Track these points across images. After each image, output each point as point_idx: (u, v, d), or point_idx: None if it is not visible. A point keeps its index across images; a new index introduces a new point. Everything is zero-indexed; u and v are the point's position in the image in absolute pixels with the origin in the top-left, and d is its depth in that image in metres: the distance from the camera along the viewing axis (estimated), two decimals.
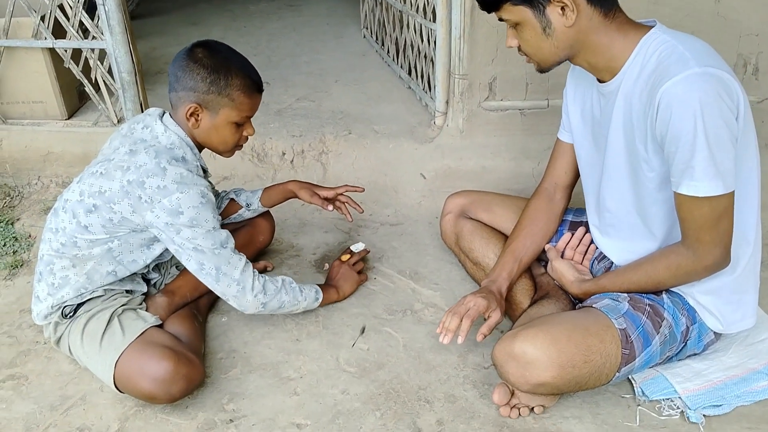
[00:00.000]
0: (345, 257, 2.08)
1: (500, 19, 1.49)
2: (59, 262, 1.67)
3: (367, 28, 3.81)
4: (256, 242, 2.12)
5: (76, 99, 2.98)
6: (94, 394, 1.70)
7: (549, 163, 1.87)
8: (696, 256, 1.45)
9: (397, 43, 3.19)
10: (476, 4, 2.27)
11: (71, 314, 1.70)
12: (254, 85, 1.66)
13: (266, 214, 2.17)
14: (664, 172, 1.45)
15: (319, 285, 1.93)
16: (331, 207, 2.05)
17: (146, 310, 1.77)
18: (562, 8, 1.38)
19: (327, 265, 2.21)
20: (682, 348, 1.61)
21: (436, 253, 2.25)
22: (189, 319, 1.83)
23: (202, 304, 1.95)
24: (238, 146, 1.75)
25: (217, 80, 1.59)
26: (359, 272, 2.08)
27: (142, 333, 1.65)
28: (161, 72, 3.45)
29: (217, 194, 2.04)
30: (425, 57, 2.77)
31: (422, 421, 1.59)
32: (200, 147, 1.74)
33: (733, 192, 1.37)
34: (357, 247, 2.12)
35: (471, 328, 1.62)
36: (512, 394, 1.58)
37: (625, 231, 1.65)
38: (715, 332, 1.62)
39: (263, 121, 2.87)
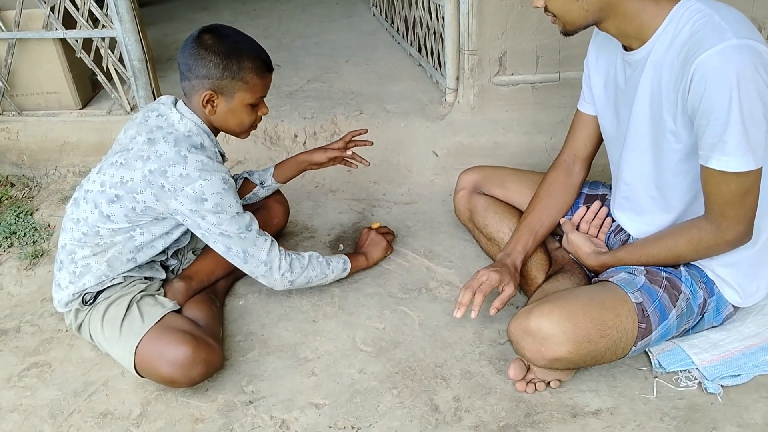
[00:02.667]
0: (375, 225, 2.15)
1: None
2: (81, 251, 1.70)
3: (376, 6, 3.78)
4: (271, 226, 2.13)
5: (89, 88, 2.99)
6: (116, 379, 1.74)
7: (568, 135, 1.84)
8: (720, 230, 1.43)
9: (406, 21, 3.16)
10: None
11: (91, 301, 1.72)
12: (265, 66, 1.69)
13: (280, 198, 2.18)
14: (691, 144, 1.41)
15: (346, 254, 1.99)
16: (349, 152, 2.10)
17: (164, 296, 1.79)
18: None
19: (342, 246, 2.22)
20: (699, 321, 1.60)
21: (450, 231, 2.25)
22: (207, 303, 1.85)
23: (220, 289, 1.97)
24: (253, 127, 1.78)
25: (230, 65, 1.61)
26: (388, 240, 2.12)
27: (161, 318, 1.67)
28: (173, 59, 3.46)
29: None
30: (434, 33, 2.74)
31: (439, 398, 1.61)
32: (215, 131, 1.76)
33: (761, 170, 1.34)
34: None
35: (485, 303, 1.63)
36: (528, 369, 1.59)
37: (642, 204, 1.63)
38: (734, 305, 1.61)
39: (275, 104, 2.86)
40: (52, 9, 2.63)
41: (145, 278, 1.80)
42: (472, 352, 1.74)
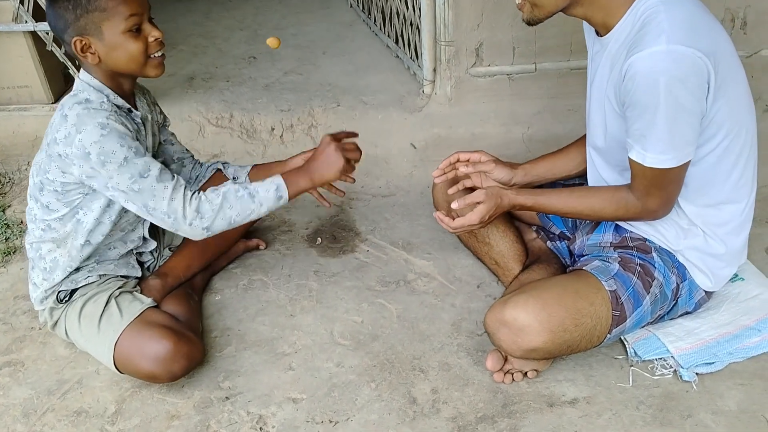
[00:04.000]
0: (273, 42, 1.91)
1: None
2: (45, 246, 1.67)
3: None
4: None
5: (62, 82, 2.94)
6: (91, 377, 1.71)
7: None
8: (644, 207, 1.49)
9: (383, 12, 3.14)
10: None
11: (67, 299, 1.70)
12: None
13: None
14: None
15: (284, 174, 1.68)
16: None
17: (141, 293, 1.77)
18: None
19: (320, 240, 2.21)
20: (673, 306, 1.62)
21: (428, 223, 2.24)
22: (184, 298, 1.83)
23: (197, 284, 1.95)
24: (154, 57, 1.56)
25: (78, 1, 1.46)
26: (349, 160, 1.75)
27: (140, 314, 1.65)
28: None
29: (198, 163, 2.00)
30: (411, 25, 2.73)
31: (417, 391, 1.60)
32: (121, 83, 1.61)
33: (687, 162, 1.39)
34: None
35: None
36: (505, 359, 1.59)
37: (600, 172, 1.65)
38: (705, 291, 1.62)
39: (251, 97, 2.84)
40: (22, 1, 2.58)
41: (121, 276, 1.77)
42: (450, 344, 1.74)
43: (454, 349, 1.72)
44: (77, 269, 1.70)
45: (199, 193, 1.59)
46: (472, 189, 1.76)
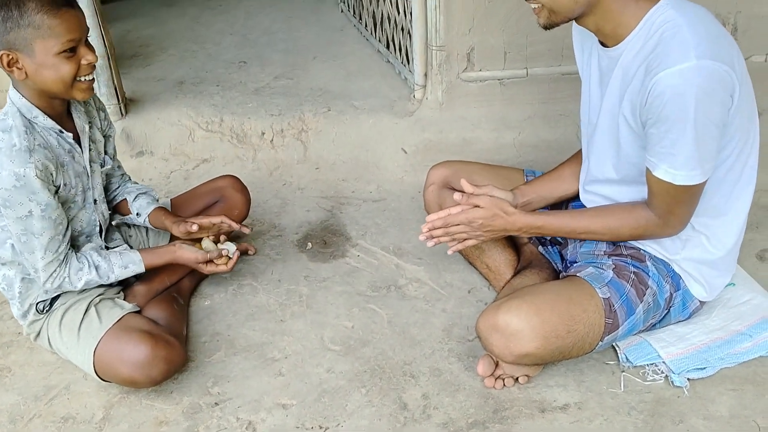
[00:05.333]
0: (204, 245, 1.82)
1: None
2: (3, 268, 1.65)
3: (344, 2, 3.76)
4: (231, 217, 2.03)
5: None
6: (78, 382, 1.69)
7: None
8: (667, 225, 1.48)
9: (374, 17, 3.14)
10: None
11: (47, 309, 1.68)
12: (57, 2, 1.41)
13: (238, 185, 2.05)
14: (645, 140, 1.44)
15: (154, 249, 1.76)
16: (195, 227, 1.79)
17: (124, 299, 1.75)
18: None
19: (310, 245, 2.20)
20: (666, 315, 1.61)
21: (419, 228, 2.16)
22: (167, 302, 1.81)
23: (184, 287, 1.93)
24: (82, 81, 1.50)
25: (9, 13, 1.38)
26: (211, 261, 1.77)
27: (119, 320, 1.63)
28: (137, 55, 3.39)
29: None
30: (402, 29, 2.73)
31: (408, 396, 1.59)
32: (51, 102, 1.54)
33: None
34: (231, 247, 1.84)
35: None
36: (497, 365, 1.58)
37: (605, 189, 1.63)
38: (700, 300, 1.62)
39: (241, 101, 2.83)
40: None
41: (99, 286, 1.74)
42: (440, 349, 1.73)
43: (445, 354, 1.71)
44: None
45: (65, 267, 1.59)
46: None
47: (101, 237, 1.76)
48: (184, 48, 3.47)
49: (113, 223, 1.90)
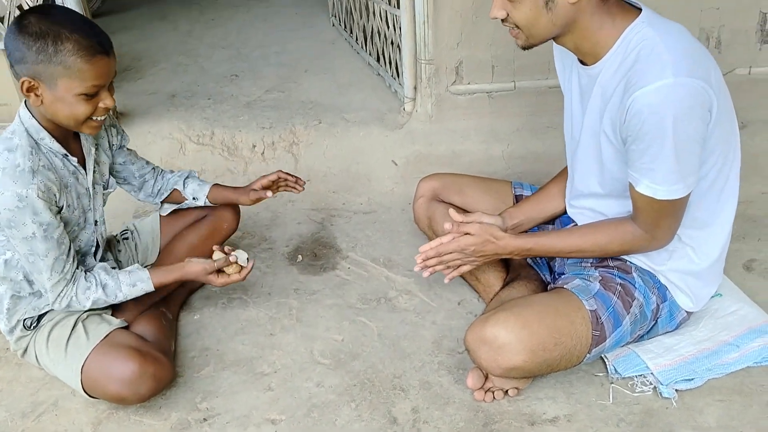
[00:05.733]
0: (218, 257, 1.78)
1: None
2: None
3: (335, 16, 3.78)
4: (220, 231, 2.03)
5: None
6: (66, 399, 1.68)
7: None
8: (654, 238, 1.49)
9: (364, 31, 3.16)
10: None
11: (34, 325, 1.68)
12: (94, 48, 1.42)
13: None
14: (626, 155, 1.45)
15: (161, 268, 1.73)
16: (269, 193, 1.94)
17: (112, 315, 1.74)
18: None
19: (300, 257, 2.20)
20: (653, 326, 1.62)
21: (409, 240, 2.24)
22: (156, 318, 1.80)
23: (173, 302, 1.93)
24: (94, 120, 1.52)
25: (45, 46, 1.38)
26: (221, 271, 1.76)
27: (106, 336, 1.63)
28: (129, 69, 3.40)
29: (157, 173, 1.95)
30: (392, 43, 2.75)
31: (397, 410, 1.59)
32: (59, 128, 1.55)
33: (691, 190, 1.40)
34: (242, 255, 1.81)
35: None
36: (486, 377, 1.59)
37: (591, 202, 1.65)
38: (687, 311, 1.63)
39: (233, 114, 2.84)
40: (1, 19, 2.57)
41: None
42: (430, 362, 1.73)
43: (435, 367, 1.71)
44: (38, 296, 1.67)
45: (72, 285, 1.59)
46: None
47: (95, 257, 1.76)
48: (176, 62, 3.48)
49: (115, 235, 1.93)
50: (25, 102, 1.53)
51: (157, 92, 3.07)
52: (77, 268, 1.61)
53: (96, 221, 1.72)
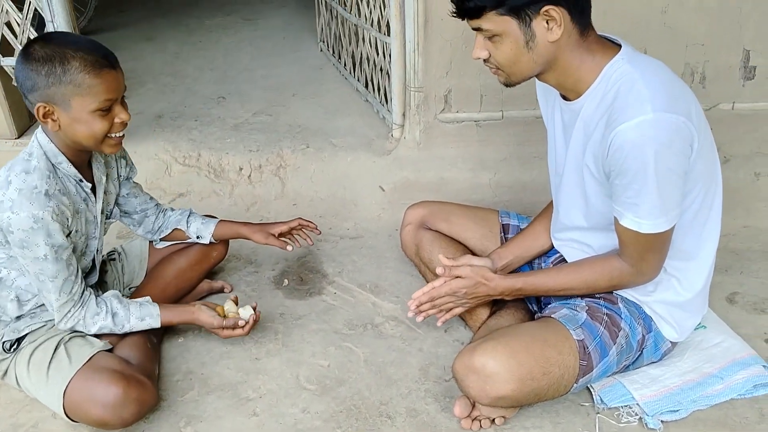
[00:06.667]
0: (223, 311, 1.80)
1: (476, 29, 1.42)
2: None
3: (323, 42, 3.80)
4: (209, 258, 2.05)
5: (26, 117, 2.91)
6: (47, 421, 1.65)
7: None
8: (639, 273, 1.51)
9: (353, 57, 3.19)
10: (429, 18, 2.31)
11: (15, 347, 1.65)
12: (100, 62, 1.46)
13: None
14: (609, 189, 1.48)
15: (173, 306, 1.78)
16: (290, 247, 2.00)
17: (96, 336, 1.72)
18: (548, 22, 1.36)
19: (286, 281, 2.19)
20: (638, 357, 1.64)
21: (396, 266, 2.24)
22: (141, 340, 1.77)
23: None
24: (113, 137, 1.55)
25: (53, 69, 1.42)
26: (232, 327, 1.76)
27: (89, 359, 1.60)
28: None
29: (162, 209, 1.98)
30: (381, 70, 2.77)
31: None
32: (77, 151, 1.58)
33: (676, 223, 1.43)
34: (244, 313, 1.79)
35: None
36: (473, 406, 1.58)
37: (576, 234, 1.67)
38: (671, 341, 1.65)
39: (219, 137, 2.84)
40: None
41: None
42: (417, 389, 1.72)
43: (422, 394, 1.71)
44: (18, 317, 1.65)
45: (81, 308, 1.61)
46: None
47: (85, 280, 1.73)
48: (163, 82, 3.48)
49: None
50: (41, 127, 1.54)
51: (144, 112, 3.06)
52: (85, 290, 1.62)
53: (98, 249, 1.73)
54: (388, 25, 2.55)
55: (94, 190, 1.68)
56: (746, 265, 2.16)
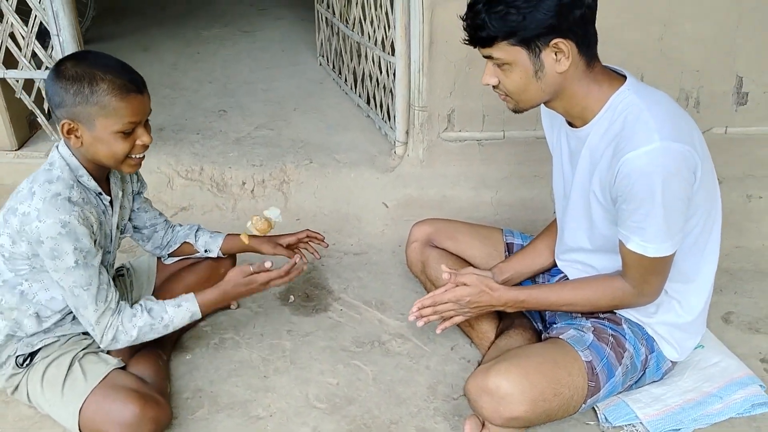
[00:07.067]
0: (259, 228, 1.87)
1: (487, 56, 1.47)
2: None
3: (323, 56, 3.83)
4: (217, 275, 2.06)
5: (26, 129, 2.91)
6: None
7: None
8: (641, 294, 1.55)
9: (354, 73, 3.22)
10: (435, 40, 2.36)
11: (27, 362, 1.65)
12: (127, 86, 1.48)
13: None
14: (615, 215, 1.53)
15: (204, 292, 1.73)
16: (298, 257, 1.99)
17: (108, 353, 1.73)
18: (556, 53, 1.41)
19: (292, 297, 2.21)
20: (641, 377, 1.68)
21: (401, 282, 2.27)
22: (153, 358, 1.79)
23: (166, 343, 1.91)
24: (133, 158, 1.58)
25: (81, 88, 1.45)
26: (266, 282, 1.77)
27: (105, 377, 1.61)
28: None
29: (171, 225, 2.00)
30: (384, 88, 2.81)
31: None
32: (98, 166, 1.60)
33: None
34: (273, 213, 1.90)
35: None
36: (483, 425, 1.61)
37: (581, 256, 1.72)
38: (671, 360, 1.70)
39: (222, 151, 2.86)
40: None
41: (83, 333, 1.73)
42: (426, 408, 1.75)
43: (431, 413, 1.74)
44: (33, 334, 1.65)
45: (118, 316, 1.59)
46: None
47: None
48: (162, 95, 3.49)
49: None
50: (63, 140, 1.57)
51: None
52: (120, 299, 1.62)
53: (111, 264, 1.75)
54: (392, 45, 2.59)
55: (111, 204, 1.70)
56: (739, 285, 2.21)
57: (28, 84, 2.67)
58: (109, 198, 1.67)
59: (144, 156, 1.60)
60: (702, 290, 1.64)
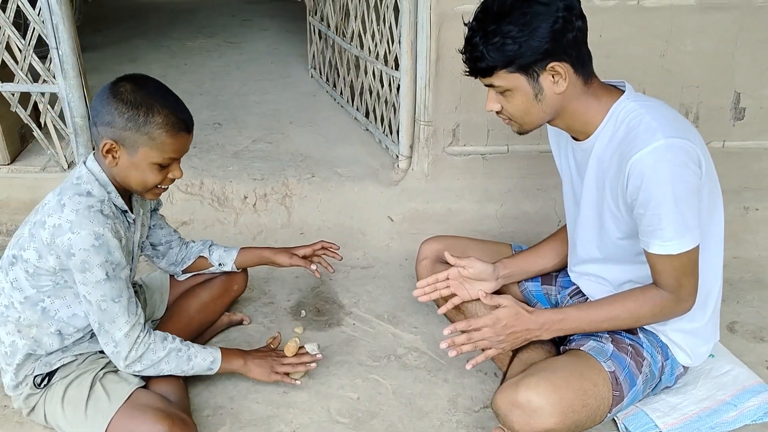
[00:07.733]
0: (289, 349, 1.83)
1: (488, 85, 1.53)
2: (3, 328, 1.60)
3: (315, 69, 3.84)
4: (230, 291, 2.08)
5: (17, 142, 2.86)
6: None
7: None
8: (680, 299, 1.57)
9: (352, 86, 3.23)
10: (441, 55, 2.39)
11: (45, 383, 1.63)
12: (179, 125, 1.52)
13: None
14: (630, 229, 1.57)
15: (229, 349, 1.79)
16: (314, 266, 2.02)
17: None
18: (553, 76, 1.47)
19: (303, 312, 2.21)
20: (657, 383, 1.72)
21: (411, 296, 2.26)
22: (173, 376, 1.77)
23: None
24: (159, 188, 1.61)
25: (136, 116, 1.46)
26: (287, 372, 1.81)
27: (129, 396, 1.59)
28: None
29: (184, 242, 2.00)
30: (386, 102, 2.83)
31: None
32: (121, 188, 1.61)
33: (698, 245, 1.51)
34: (311, 348, 1.86)
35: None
36: None
37: (593, 269, 1.76)
38: (684, 366, 1.74)
39: (221, 164, 2.84)
40: None
41: (100, 352, 1.71)
42: (449, 421, 1.77)
43: (454, 426, 1.75)
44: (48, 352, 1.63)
45: (149, 334, 1.61)
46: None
47: None
48: None
49: None
50: (93, 155, 1.57)
51: None
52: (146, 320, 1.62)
53: (134, 282, 1.75)
54: (395, 59, 2.61)
55: (134, 221, 1.70)
56: (740, 294, 2.28)
57: (24, 97, 2.63)
58: (133, 216, 1.67)
59: (167, 188, 1.63)
60: (711, 295, 1.67)
